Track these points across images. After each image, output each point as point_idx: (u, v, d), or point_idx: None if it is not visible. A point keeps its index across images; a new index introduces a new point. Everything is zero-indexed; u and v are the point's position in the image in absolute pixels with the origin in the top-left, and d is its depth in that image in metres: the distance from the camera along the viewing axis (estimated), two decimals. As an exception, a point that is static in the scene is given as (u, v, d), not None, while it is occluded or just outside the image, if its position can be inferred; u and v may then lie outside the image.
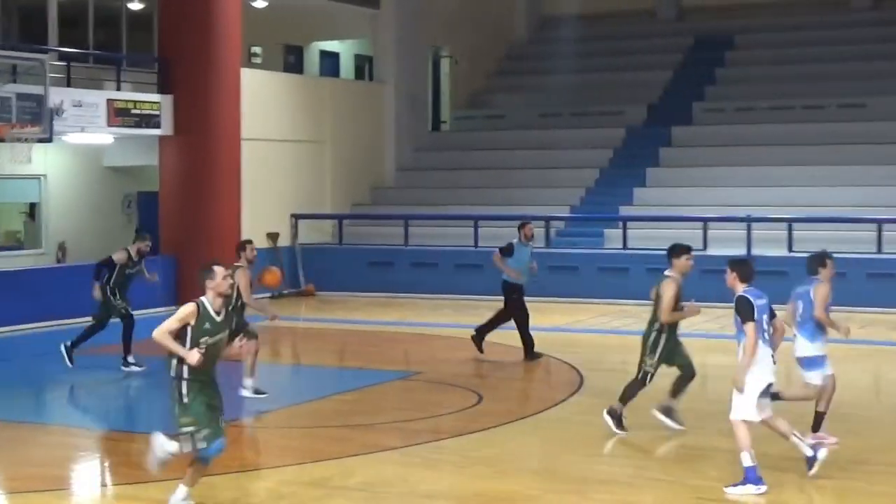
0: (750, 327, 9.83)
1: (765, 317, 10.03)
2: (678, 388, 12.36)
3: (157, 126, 23.49)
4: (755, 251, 23.74)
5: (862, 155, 26.86)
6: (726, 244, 24.08)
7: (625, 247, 25.21)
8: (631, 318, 22.09)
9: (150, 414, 14.07)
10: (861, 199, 24.98)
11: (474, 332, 17.34)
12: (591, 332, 20.26)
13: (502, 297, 17.32)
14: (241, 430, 12.97)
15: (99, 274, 16.46)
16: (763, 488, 9.78)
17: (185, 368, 9.12)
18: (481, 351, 17.10)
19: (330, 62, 33.34)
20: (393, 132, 30.59)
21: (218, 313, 9.26)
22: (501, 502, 9.96)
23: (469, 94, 34.15)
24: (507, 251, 17.08)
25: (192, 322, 9.11)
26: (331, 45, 33.44)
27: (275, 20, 28.73)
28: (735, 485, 9.84)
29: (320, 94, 28.56)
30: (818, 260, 11.69)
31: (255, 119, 25.49)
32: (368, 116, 29.92)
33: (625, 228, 25.43)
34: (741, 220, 24.44)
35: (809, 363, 11.39)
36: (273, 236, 26.50)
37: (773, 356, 10.08)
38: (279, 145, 27.03)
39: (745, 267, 10.25)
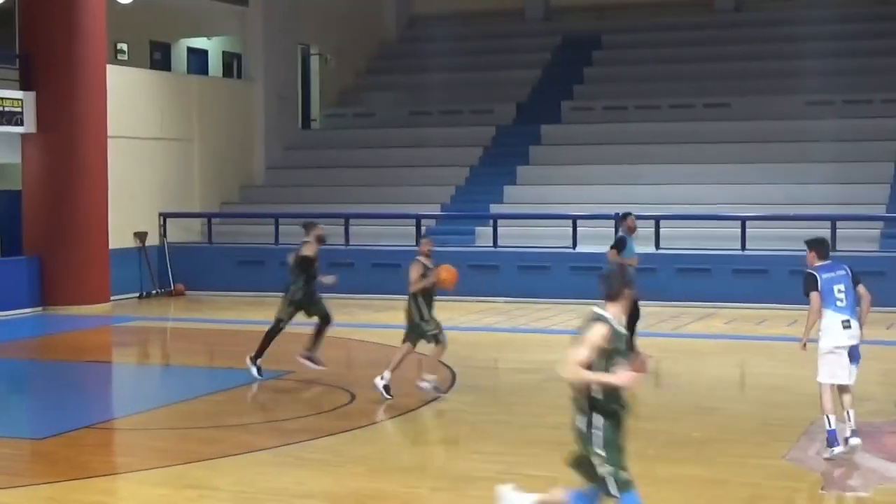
0: (813, 297, 10.74)
1: (837, 287, 10.73)
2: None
3: (20, 123, 22.93)
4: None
5: (727, 153, 27.39)
6: (596, 241, 24.36)
7: (495, 245, 25.34)
8: (501, 315, 22.26)
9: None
10: (727, 197, 25.44)
11: None
12: (461, 329, 20.31)
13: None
14: (111, 432, 12.73)
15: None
16: (837, 450, 10.59)
17: (603, 398, 7.54)
18: None
19: (198, 59, 32.91)
20: (262, 130, 30.32)
21: (622, 325, 7.72)
22: (376, 501, 9.91)
23: (339, 93, 34.03)
24: (620, 246, 16.07)
25: (606, 345, 7.51)
26: (199, 42, 33.01)
27: (141, 16, 28.26)
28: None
29: (188, 92, 28.17)
30: None
31: (122, 117, 25.04)
32: (237, 114, 29.62)
33: (495, 226, 25.54)
34: (610, 217, 24.70)
35: None
36: (141, 235, 26.08)
37: (847, 321, 10.68)
38: (147, 143, 26.59)
39: (821, 245, 11.15)
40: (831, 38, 30.49)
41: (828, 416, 10.63)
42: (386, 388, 13.79)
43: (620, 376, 7.36)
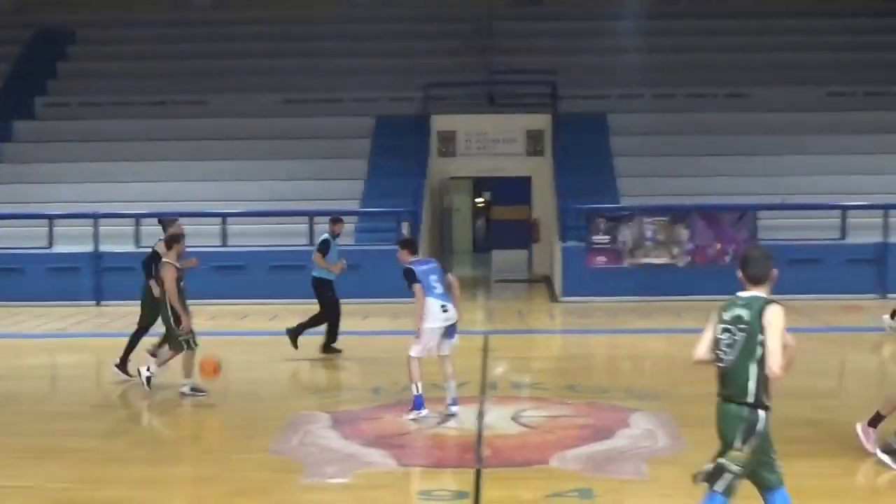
0: (416, 288, 11.91)
1: (432, 277, 12.08)
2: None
3: None
4: (103, 247, 23.62)
5: (207, 150, 27.44)
6: (75, 241, 23.76)
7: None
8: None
9: None
10: (209, 194, 25.47)
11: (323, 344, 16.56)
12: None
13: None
14: None
15: None
16: (424, 412, 11.85)
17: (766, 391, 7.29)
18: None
19: None
20: None
21: None
22: None
23: None
24: (325, 248, 16.39)
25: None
26: None
27: None
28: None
29: None
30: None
31: None
32: None
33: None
34: (88, 216, 24.12)
35: None
36: None
37: (444, 306, 11.98)
38: None
39: (411, 244, 12.59)
40: (315, 37, 31.32)
41: (416, 384, 11.95)
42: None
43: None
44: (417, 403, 12.02)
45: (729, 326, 7.29)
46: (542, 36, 31.51)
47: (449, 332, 12.12)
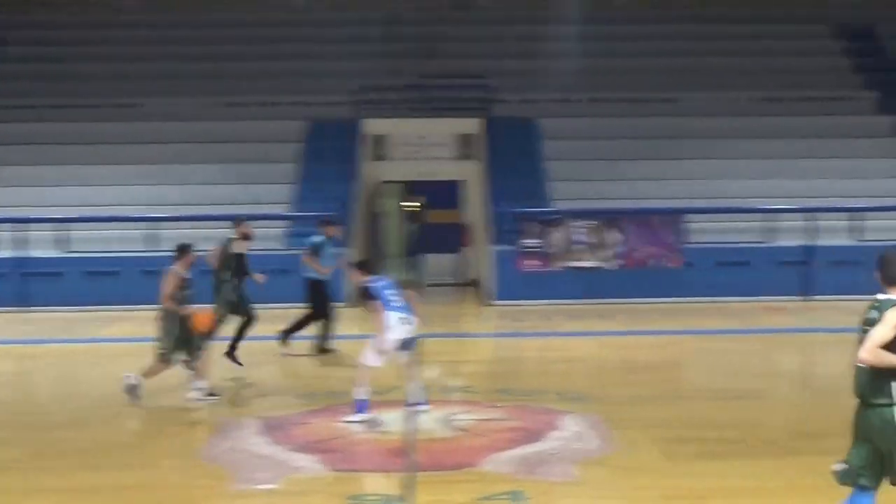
0: (377, 304, 12.22)
1: (390, 292, 12.39)
2: None
3: None
4: (30, 252, 23.40)
5: (138, 154, 27.19)
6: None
7: None
8: None
9: None
10: (143, 198, 25.29)
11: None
12: None
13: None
14: None
15: None
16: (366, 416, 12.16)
17: None
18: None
19: None
20: None
21: None
22: None
23: None
24: (317, 251, 16.90)
25: None
26: None
27: None
28: None
29: None
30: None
31: None
32: None
33: None
34: (15, 220, 23.88)
35: None
36: None
37: (405, 318, 12.32)
38: None
39: (366, 265, 12.99)
40: (247, 41, 31.14)
41: (362, 388, 12.14)
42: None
43: None
44: (360, 407, 12.15)
45: (866, 328, 7.39)
46: (475, 40, 31.55)
47: (407, 343, 12.35)
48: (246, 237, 16.04)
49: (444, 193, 29.95)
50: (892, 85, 29.92)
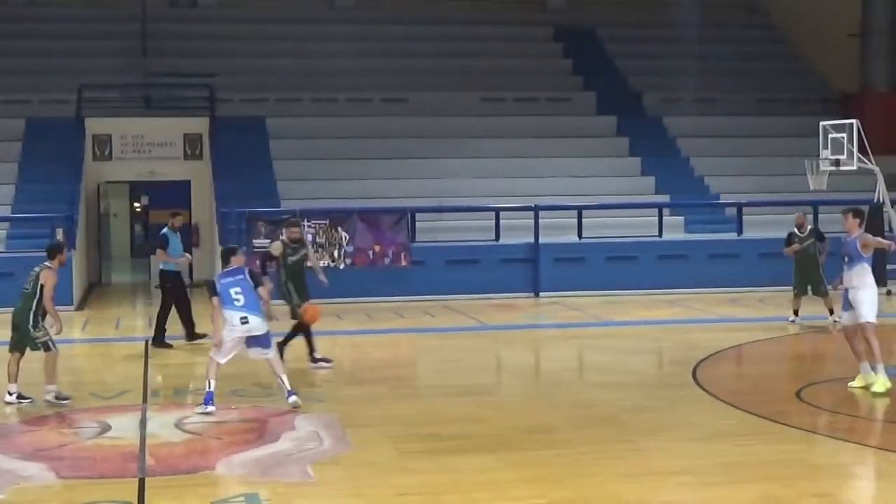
0: (214, 301, 12.56)
1: (234, 290, 12.58)
2: None
3: None
4: None
5: None
6: None
7: None
8: None
9: None
10: None
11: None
12: None
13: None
14: None
15: None
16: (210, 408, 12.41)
17: None
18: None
19: None
20: None
21: None
22: None
23: None
24: (164, 243, 17.44)
25: None
26: None
27: None
28: None
29: None
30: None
31: None
32: None
33: None
34: None
35: None
36: None
37: (245, 317, 12.62)
38: None
39: (225, 253, 13.07)
40: None
41: (210, 381, 12.50)
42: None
43: None
44: (207, 399, 12.47)
45: None
46: (200, 38, 31.14)
47: (256, 341, 12.71)
48: None
49: (170, 194, 29.39)
50: (611, 86, 31.10)
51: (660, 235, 24.92)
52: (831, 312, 18.99)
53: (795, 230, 19.81)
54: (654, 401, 13.32)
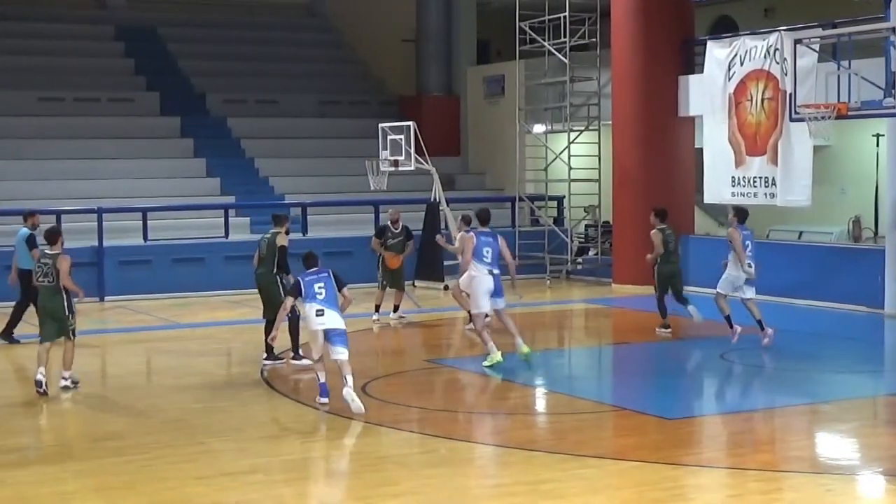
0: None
1: None
2: None
3: None
4: None
5: None
6: None
7: None
8: None
9: None
10: None
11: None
12: None
13: None
14: None
15: None
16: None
17: None
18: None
19: None
20: None
21: None
22: None
23: None
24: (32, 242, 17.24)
25: None
26: None
27: None
28: None
29: None
30: None
31: None
32: None
33: None
34: None
35: None
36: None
37: None
38: None
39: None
40: None
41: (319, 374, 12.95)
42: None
43: None
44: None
45: None
46: None
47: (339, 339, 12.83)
48: None
49: None
50: (175, 86, 30.82)
51: (226, 236, 24.94)
52: (395, 309, 19.83)
53: (390, 225, 20.15)
54: (225, 401, 13.39)
